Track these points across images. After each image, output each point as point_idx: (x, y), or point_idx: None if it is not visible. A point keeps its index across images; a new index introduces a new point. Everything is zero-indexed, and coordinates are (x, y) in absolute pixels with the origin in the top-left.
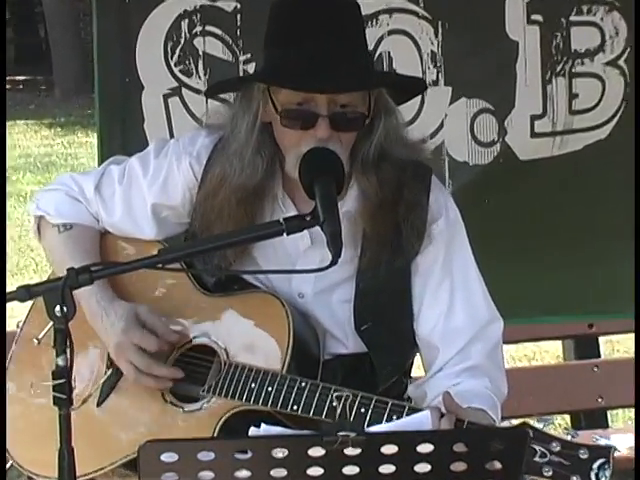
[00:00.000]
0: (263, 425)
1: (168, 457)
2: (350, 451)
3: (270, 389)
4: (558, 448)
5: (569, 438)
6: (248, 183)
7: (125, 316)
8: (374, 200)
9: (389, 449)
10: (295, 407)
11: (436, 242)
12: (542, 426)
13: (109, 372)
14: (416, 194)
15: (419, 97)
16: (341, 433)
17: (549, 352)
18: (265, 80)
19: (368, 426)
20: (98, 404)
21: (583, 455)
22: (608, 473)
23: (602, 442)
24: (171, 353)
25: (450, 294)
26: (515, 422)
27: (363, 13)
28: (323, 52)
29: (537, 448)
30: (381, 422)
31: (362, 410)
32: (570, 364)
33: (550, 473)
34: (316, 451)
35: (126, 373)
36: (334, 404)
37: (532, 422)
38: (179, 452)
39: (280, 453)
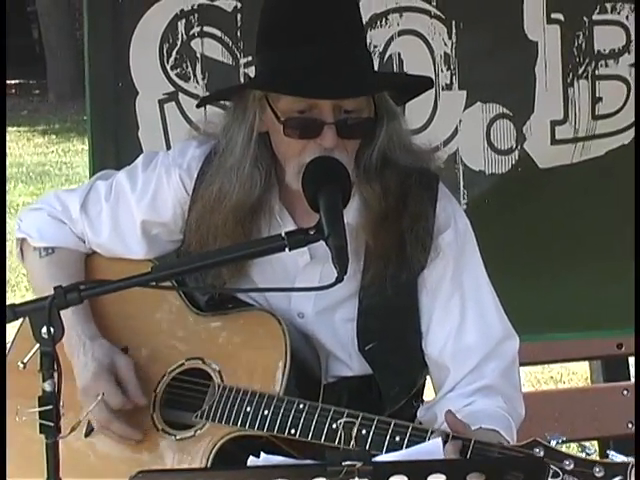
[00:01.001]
0: (263, 454)
1: None
2: None
3: (266, 412)
4: (571, 466)
5: (583, 455)
6: (247, 200)
7: (99, 360)
8: (377, 211)
9: None
10: (293, 431)
11: (444, 255)
12: (554, 443)
13: (90, 408)
14: (421, 203)
15: (432, 102)
16: (346, 462)
17: (577, 374)
18: (266, 87)
19: (370, 448)
20: (86, 435)
21: (598, 473)
22: None
23: (618, 459)
24: (162, 378)
25: (461, 310)
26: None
27: (371, 12)
28: (326, 55)
29: (549, 467)
30: (384, 443)
31: (363, 432)
32: (597, 387)
33: None
34: None
35: (90, 419)
36: (334, 426)
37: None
38: None
39: None
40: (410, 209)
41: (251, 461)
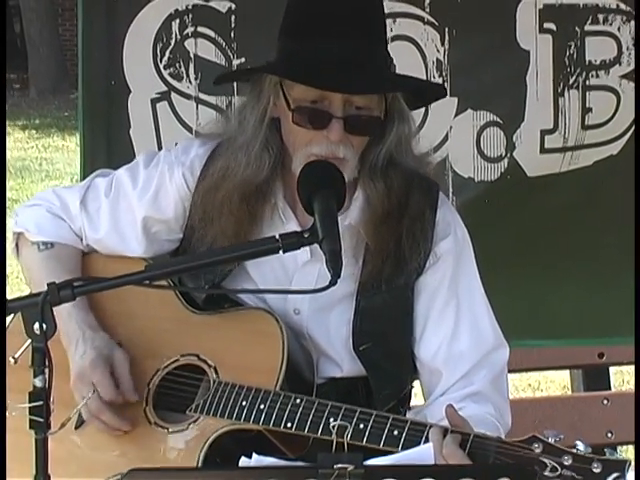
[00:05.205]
0: (255, 455)
1: None
2: None
3: (262, 406)
4: (570, 462)
5: (582, 448)
6: (253, 179)
7: (99, 350)
8: (379, 210)
9: None
10: (289, 424)
11: (443, 261)
12: (552, 440)
13: (88, 396)
14: (421, 206)
15: (423, 108)
16: (338, 465)
17: (555, 382)
18: (280, 73)
19: (367, 442)
20: (76, 427)
21: (596, 469)
22: None
23: (616, 456)
24: (156, 372)
25: (455, 316)
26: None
27: None
28: (344, 50)
29: (547, 462)
30: (381, 437)
31: (361, 426)
32: (578, 396)
33: None
34: None
35: (82, 408)
36: (331, 420)
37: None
38: None
39: None
40: (410, 211)
41: (243, 462)
